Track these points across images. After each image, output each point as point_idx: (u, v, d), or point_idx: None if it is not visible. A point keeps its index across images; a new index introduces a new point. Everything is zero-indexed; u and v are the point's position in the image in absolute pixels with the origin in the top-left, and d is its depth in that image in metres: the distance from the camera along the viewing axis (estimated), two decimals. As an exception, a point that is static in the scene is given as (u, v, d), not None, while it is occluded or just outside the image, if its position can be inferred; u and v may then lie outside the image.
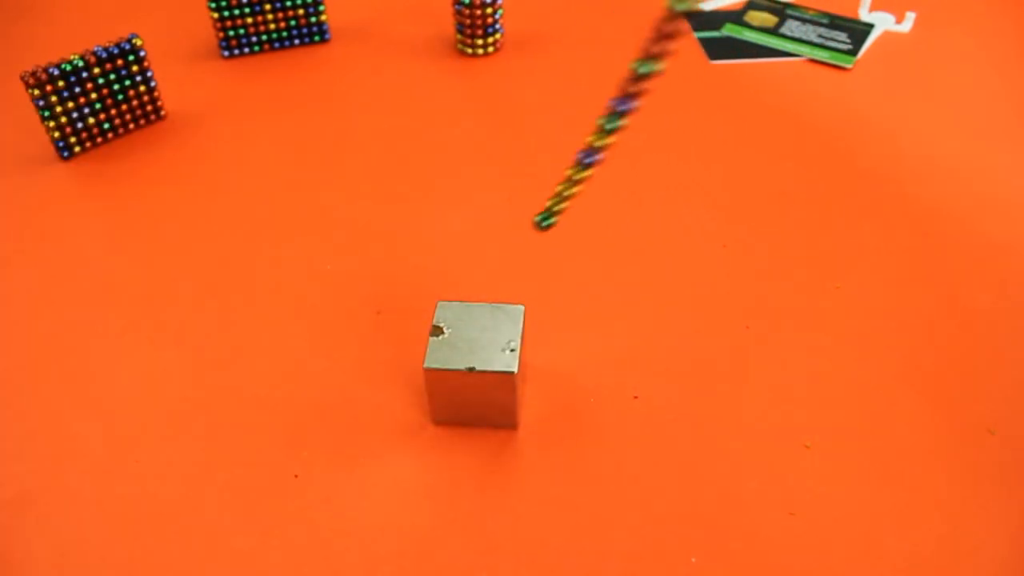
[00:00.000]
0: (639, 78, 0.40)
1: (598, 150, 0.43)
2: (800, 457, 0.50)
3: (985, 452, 0.50)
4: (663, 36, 0.38)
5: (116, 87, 0.74)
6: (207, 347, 0.57)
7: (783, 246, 0.63)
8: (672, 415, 0.52)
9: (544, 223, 0.46)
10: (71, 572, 0.45)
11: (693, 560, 0.45)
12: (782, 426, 0.51)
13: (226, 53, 0.86)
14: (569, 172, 0.44)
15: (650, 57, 0.39)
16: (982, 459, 0.49)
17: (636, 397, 0.53)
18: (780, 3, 0.94)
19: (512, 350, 0.49)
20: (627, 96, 0.41)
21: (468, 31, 0.84)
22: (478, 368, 0.48)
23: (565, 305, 0.59)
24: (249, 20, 0.84)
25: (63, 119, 0.72)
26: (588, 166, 0.43)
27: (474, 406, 0.50)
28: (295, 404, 0.53)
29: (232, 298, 0.61)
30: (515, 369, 0.48)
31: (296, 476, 0.49)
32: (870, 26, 0.89)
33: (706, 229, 0.65)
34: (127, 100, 0.75)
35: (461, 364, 0.48)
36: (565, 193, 0.45)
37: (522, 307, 0.51)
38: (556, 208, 0.46)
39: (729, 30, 0.90)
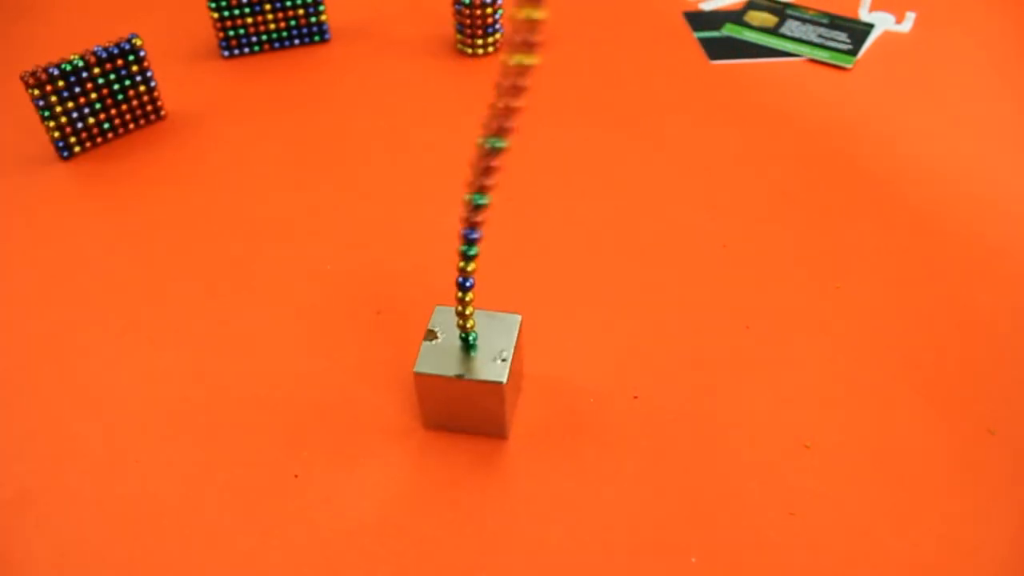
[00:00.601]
0: (491, 152, 0.41)
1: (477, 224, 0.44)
2: (800, 457, 0.50)
3: (985, 452, 0.50)
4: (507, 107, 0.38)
5: (116, 87, 0.74)
6: (207, 347, 0.57)
7: (783, 246, 0.63)
8: (672, 415, 0.52)
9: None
10: (71, 572, 0.45)
11: (693, 560, 0.45)
12: (782, 426, 0.51)
13: (226, 53, 0.86)
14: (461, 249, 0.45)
15: (499, 131, 0.40)
16: (982, 459, 0.49)
17: (636, 397, 0.53)
18: (780, 3, 0.94)
19: (504, 360, 0.48)
20: (484, 171, 0.42)
21: (468, 31, 0.84)
22: (467, 376, 0.48)
23: (564, 304, 0.59)
24: (249, 20, 0.84)
25: (63, 119, 0.72)
26: (473, 241, 0.44)
27: (464, 413, 0.50)
28: (295, 404, 0.53)
29: (232, 298, 0.61)
30: (504, 379, 0.47)
31: (296, 476, 0.49)
32: (870, 26, 0.89)
33: (706, 229, 0.65)
34: (127, 100, 0.75)
35: (451, 371, 0.48)
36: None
37: (519, 316, 0.51)
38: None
39: (729, 30, 0.90)
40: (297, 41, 0.88)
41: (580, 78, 0.83)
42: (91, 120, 0.73)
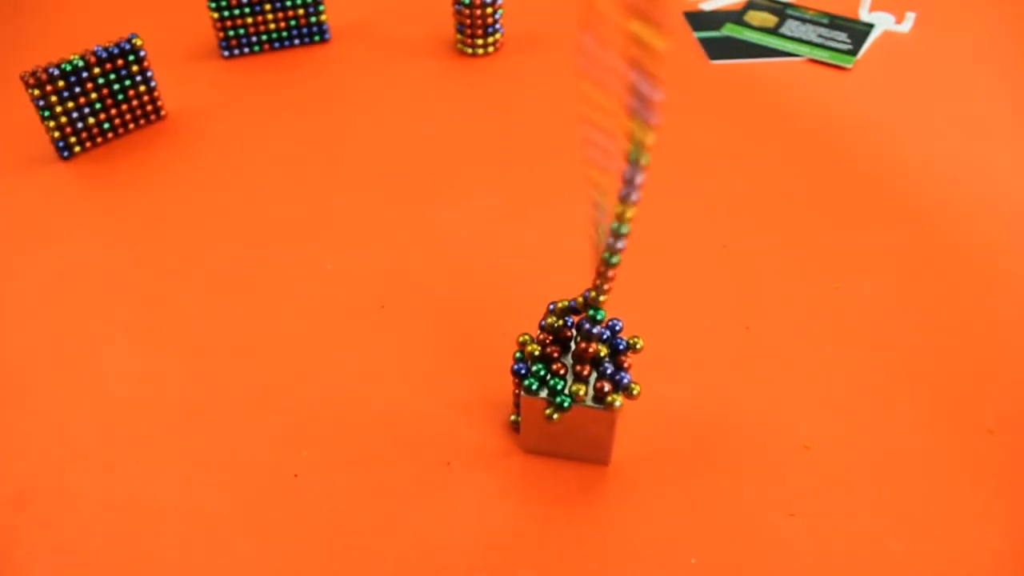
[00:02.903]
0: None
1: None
2: (800, 457, 0.50)
3: (984, 451, 0.50)
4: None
5: (116, 87, 0.74)
6: (207, 347, 0.57)
7: (783, 246, 0.64)
8: (671, 416, 0.52)
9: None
10: (71, 572, 0.45)
11: (693, 561, 0.45)
12: (782, 426, 0.51)
13: (226, 53, 0.86)
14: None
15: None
16: (982, 459, 0.49)
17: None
18: (780, 3, 0.94)
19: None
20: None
21: (468, 31, 0.84)
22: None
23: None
24: (249, 20, 0.84)
25: (63, 119, 0.72)
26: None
27: (568, 439, 0.48)
28: (295, 404, 0.53)
29: (232, 297, 0.61)
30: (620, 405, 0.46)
31: (296, 476, 0.49)
32: (870, 26, 0.89)
33: (706, 229, 0.65)
34: (127, 100, 0.75)
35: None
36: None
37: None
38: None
39: (729, 30, 0.90)
40: (297, 41, 0.88)
41: (580, 78, 0.83)
42: (91, 120, 0.73)
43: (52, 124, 0.71)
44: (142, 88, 0.76)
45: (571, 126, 0.76)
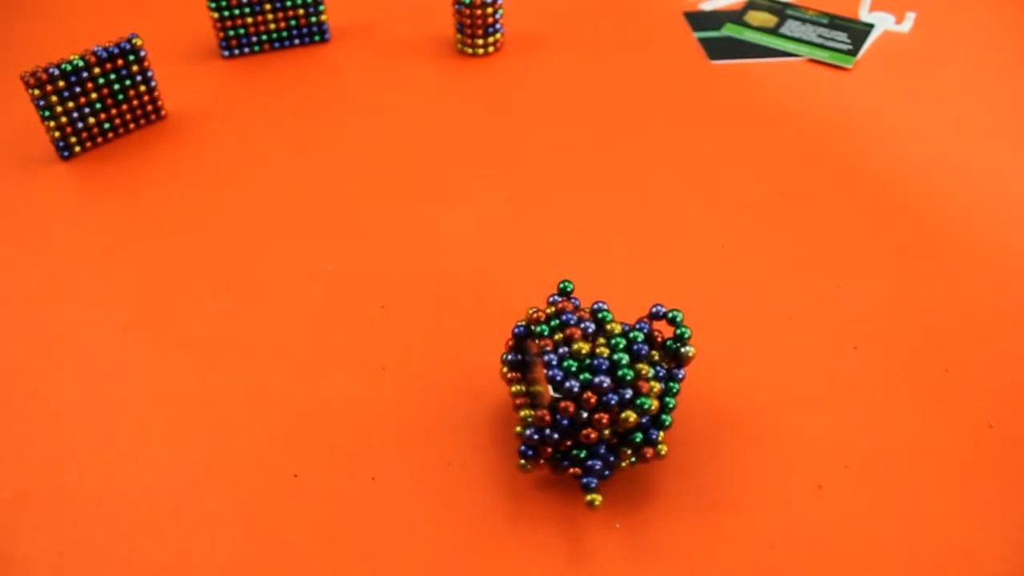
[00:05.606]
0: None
1: None
2: (799, 457, 0.50)
3: (984, 446, 0.50)
4: None
5: (116, 87, 0.74)
6: (207, 347, 0.57)
7: (783, 246, 0.64)
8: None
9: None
10: (70, 572, 0.45)
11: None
12: (780, 425, 0.51)
13: (226, 53, 0.86)
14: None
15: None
16: (981, 453, 0.49)
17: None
18: (780, 3, 0.94)
19: None
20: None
21: (468, 31, 0.84)
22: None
23: (565, 305, 0.59)
24: (249, 20, 0.84)
25: (63, 119, 0.72)
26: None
27: None
28: (295, 404, 0.53)
29: (232, 297, 0.61)
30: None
31: (296, 476, 0.49)
32: (870, 26, 0.89)
33: (705, 229, 0.65)
34: (127, 100, 0.75)
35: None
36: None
37: None
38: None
39: (729, 30, 0.90)
40: (297, 41, 0.88)
41: (580, 78, 0.83)
42: (91, 120, 0.73)
43: (52, 124, 0.71)
44: (142, 88, 0.76)
45: (570, 126, 0.76)
